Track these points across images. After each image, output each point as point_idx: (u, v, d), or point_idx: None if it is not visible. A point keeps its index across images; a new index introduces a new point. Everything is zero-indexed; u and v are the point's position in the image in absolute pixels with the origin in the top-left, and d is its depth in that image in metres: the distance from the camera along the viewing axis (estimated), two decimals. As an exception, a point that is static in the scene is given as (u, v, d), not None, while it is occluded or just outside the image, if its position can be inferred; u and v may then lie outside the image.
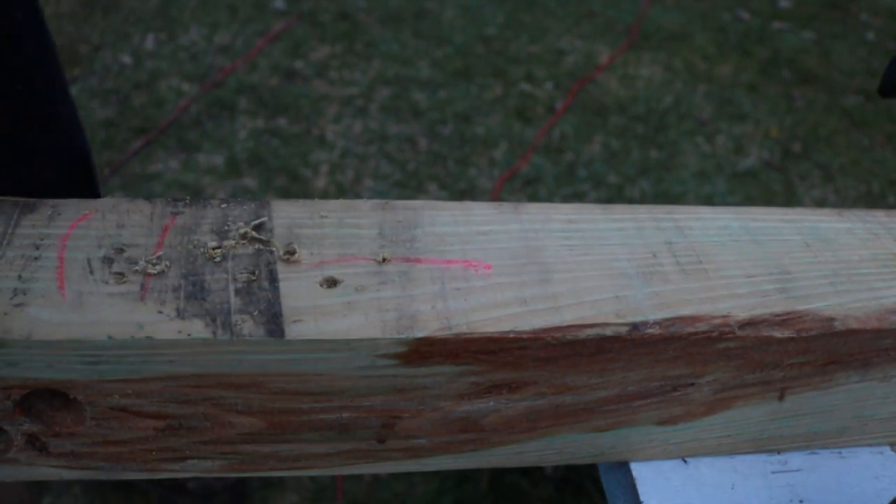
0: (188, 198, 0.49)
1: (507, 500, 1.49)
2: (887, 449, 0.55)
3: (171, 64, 2.30)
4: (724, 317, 0.46)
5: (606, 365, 0.45)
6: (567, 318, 0.44)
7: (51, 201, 0.47)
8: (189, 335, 0.39)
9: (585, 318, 0.44)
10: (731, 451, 0.52)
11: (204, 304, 0.41)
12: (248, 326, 0.40)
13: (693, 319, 0.45)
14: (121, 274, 0.43)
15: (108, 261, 0.43)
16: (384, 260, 0.46)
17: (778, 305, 0.47)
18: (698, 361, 0.46)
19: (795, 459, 0.53)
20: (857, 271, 0.51)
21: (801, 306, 0.47)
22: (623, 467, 0.52)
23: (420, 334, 0.42)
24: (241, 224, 0.47)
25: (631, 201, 2.19)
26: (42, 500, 1.33)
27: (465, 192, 2.10)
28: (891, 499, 0.50)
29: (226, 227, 0.47)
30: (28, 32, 0.71)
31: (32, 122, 0.74)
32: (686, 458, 0.52)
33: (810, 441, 0.53)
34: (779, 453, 0.53)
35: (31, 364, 0.39)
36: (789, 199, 2.29)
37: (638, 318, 0.44)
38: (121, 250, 0.44)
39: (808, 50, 2.97)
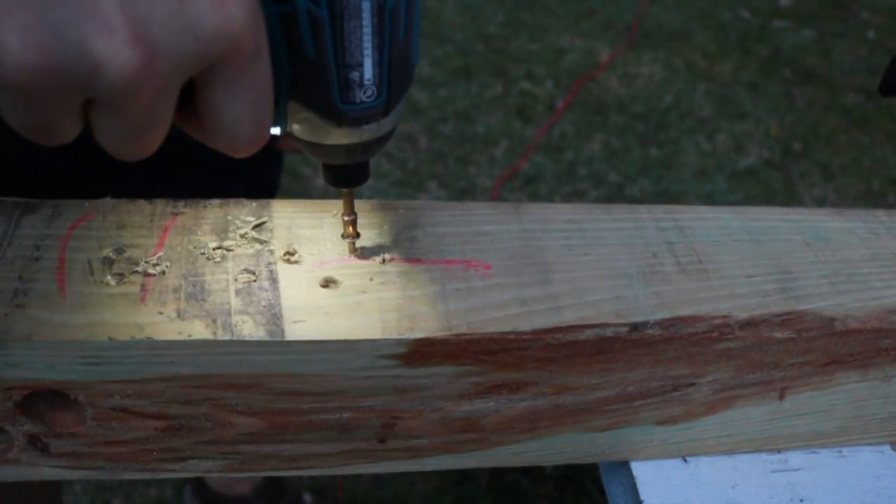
0: (188, 198, 0.49)
1: (508, 498, 1.50)
2: (888, 448, 0.55)
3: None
4: (724, 317, 0.46)
5: (607, 365, 0.45)
6: (567, 318, 0.44)
7: (51, 202, 0.47)
8: (189, 336, 0.40)
9: (586, 318, 0.44)
10: (732, 450, 0.52)
11: (204, 305, 0.41)
12: (249, 327, 0.40)
13: (693, 319, 0.45)
14: (121, 275, 0.43)
15: (108, 261, 0.43)
16: (384, 260, 0.46)
17: (778, 305, 0.47)
18: (698, 361, 0.46)
19: (796, 458, 0.53)
20: (858, 271, 0.51)
21: (801, 306, 0.47)
22: (623, 466, 0.52)
23: (420, 335, 0.42)
24: (241, 224, 0.47)
25: (631, 200, 2.19)
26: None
27: (465, 191, 2.10)
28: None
29: (226, 228, 0.47)
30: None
31: None
32: (686, 458, 0.52)
33: (811, 441, 0.53)
34: (779, 452, 0.53)
35: (32, 365, 0.39)
36: (789, 197, 2.29)
37: (638, 319, 0.44)
38: (121, 251, 0.44)
39: (809, 48, 2.97)
